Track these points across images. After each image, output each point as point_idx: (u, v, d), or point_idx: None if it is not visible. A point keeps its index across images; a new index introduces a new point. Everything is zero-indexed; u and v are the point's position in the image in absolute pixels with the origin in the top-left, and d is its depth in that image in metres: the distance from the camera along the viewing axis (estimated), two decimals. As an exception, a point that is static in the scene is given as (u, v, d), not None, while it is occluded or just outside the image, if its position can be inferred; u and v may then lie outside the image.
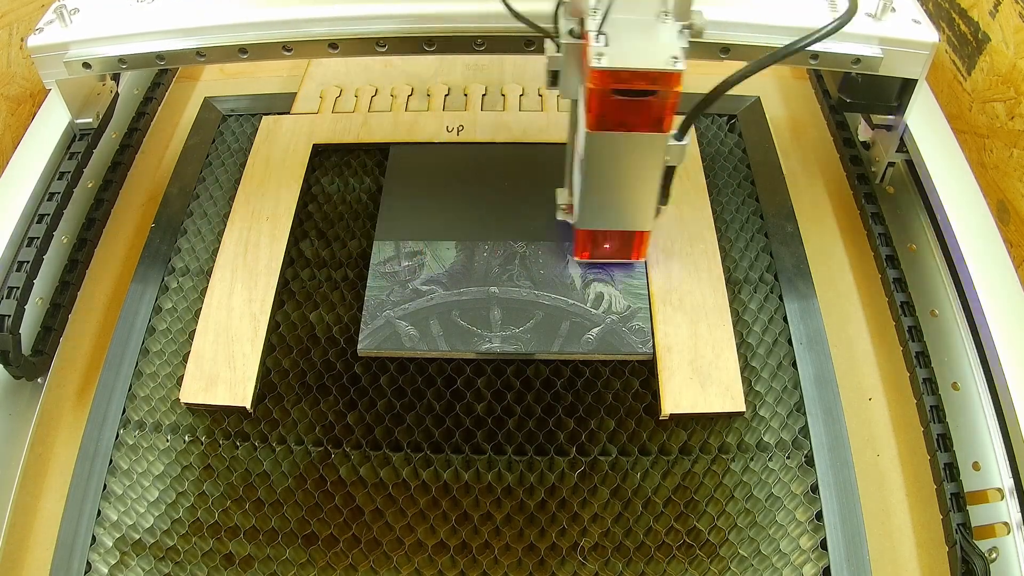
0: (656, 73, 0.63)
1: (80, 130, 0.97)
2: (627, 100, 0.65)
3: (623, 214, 0.80)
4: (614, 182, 0.75)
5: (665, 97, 0.65)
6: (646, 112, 0.67)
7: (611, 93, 0.65)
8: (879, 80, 0.88)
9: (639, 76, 0.64)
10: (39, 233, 0.87)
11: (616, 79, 0.64)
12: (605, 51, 0.63)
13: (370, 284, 0.89)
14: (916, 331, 0.86)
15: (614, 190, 0.76)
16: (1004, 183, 0.97)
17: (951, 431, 0.77)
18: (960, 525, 0.72)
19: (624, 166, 0.73)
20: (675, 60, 0.63)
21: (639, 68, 0.63)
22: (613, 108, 0.66)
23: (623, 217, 0.80)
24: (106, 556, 0.75)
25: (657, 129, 0.68)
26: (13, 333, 0.81)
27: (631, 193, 0.77)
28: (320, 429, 0.82)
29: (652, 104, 0.66)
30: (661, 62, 0.63)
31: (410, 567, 0.74)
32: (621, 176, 0.74)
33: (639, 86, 0.64)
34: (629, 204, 0.78)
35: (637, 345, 0.83)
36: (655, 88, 0.65)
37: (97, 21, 0.90)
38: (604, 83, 0.64)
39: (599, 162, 0.73)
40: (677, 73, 0.63)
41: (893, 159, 0.96)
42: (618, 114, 0.67)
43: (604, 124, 0.68)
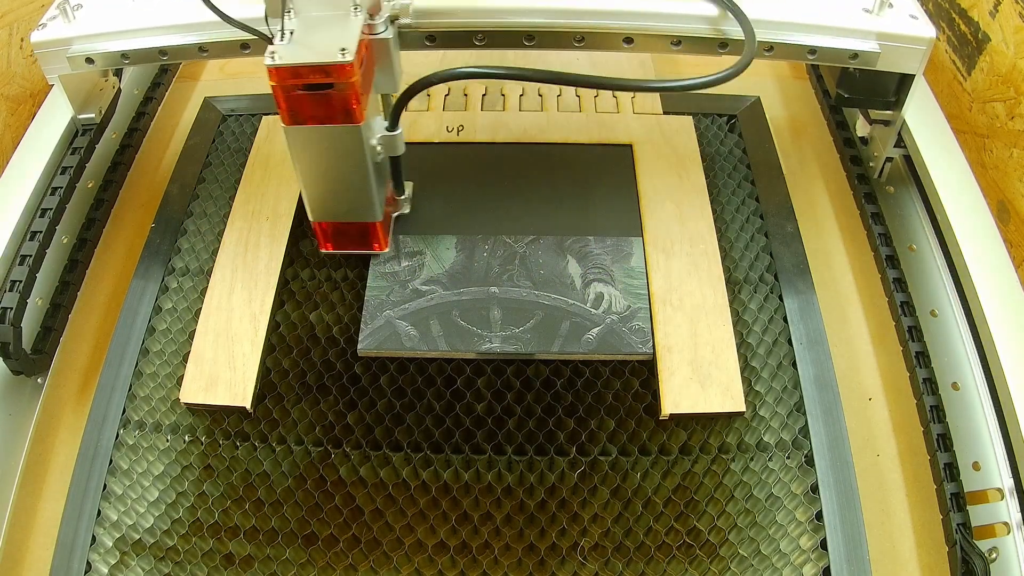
0: (327, 66, 0.67)
1: (83, 125, 0.98)
2: (311, 94, 0.69)
3: (349, 205, 0.82)
4: (327, 175, 0.78)
5: (344, 88, 0.68)
6: (331, 104, 0.70)
7: (295, 88, 0.69)
8: (877, 75, 0.88)
9: (313, 70, 0.67)
10: (41, 227, 0.88)
11: (293, 75, 0.68)
12: (279, 48, 0.67)
13: (370, 284, 0.89)
14: (916, 331, 0.86)
15: (330, 182, 0.79)
16: (1004, 183, 0.97)
17: (951, 431, 0.77)
18: (960, 525, 0.72)
19: (330, 158, 0.76)
20: (344, 52, 0.67)
21: (309, 63, 0.67)
22: (300, 103, 0.70)
23: (351, 209, 0.83)
24: (106, 556, 0.75)
25: (349, 120, 0.71)
26: (15, 325, 0.81)
27: (348, 185, 0.79)
28: (320, 429, 0.82)
29: (333, 96, 0.69)
30: (330, 55, 0.66)
31: (410, 567, 0.74)
32: (332, 168, 0.77)
33: (316, 80, 0.68)
34: (351, 196, 0.81)
35: (637, 345, 0.83)
36: (330, 80, 0.68)
37: (100, 16, 0.90)
38: (283, 79, 0.68)
39: (305, 155, 0.75)
40: (347, 64, 0.67)
41: (891, 154, 0.96)
42: (307, 108, 0.71)
43: (297, 119, 0.71)
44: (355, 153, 0.75)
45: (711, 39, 0.83)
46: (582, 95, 1.12)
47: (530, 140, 1.04)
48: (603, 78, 0.73)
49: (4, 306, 0.82)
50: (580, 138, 1.04)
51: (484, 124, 1.07)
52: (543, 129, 1.06)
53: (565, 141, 1.04)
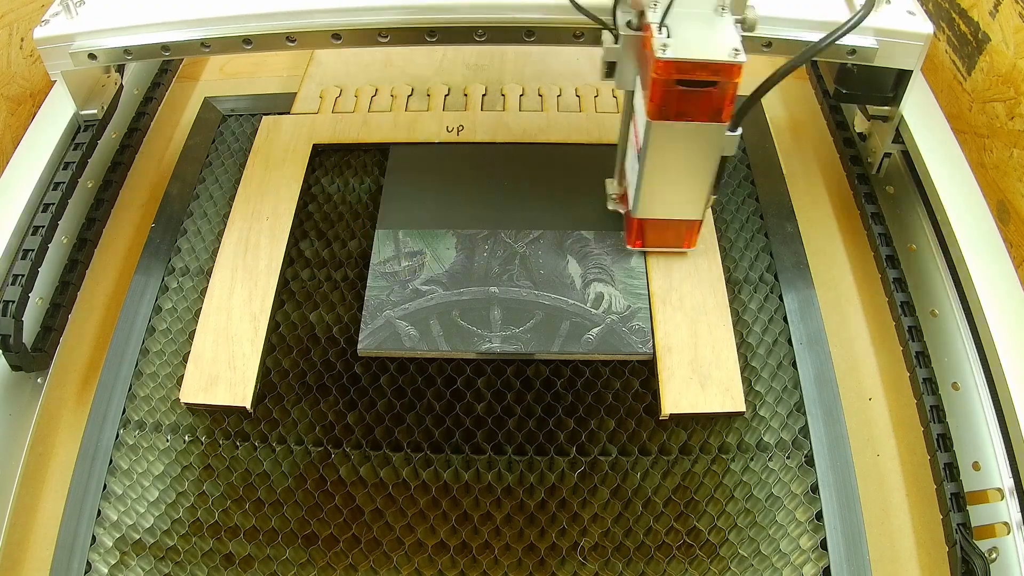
0: (718, 64, 0.66)
1: (85, 121, 0.98)
2: (688, 90, 0.68)
3: (678, 203, 0.82)
4: (671, 171, 0.77)
5: (725, 88, 0.68)
6: (706, 102, 0.69)
7: (673, 83, 0.67)
8: (875, 71, 0.89)
9: (701, 67, 0.66)
10: (44, 222, 0.88)
11: (679, 70, 0.66)
12: (669, 43, 0.66)
13: (370, 284, 0.89)
14: (916, 331, 0.86)
15: (671, 179, 0.78)
16: (1004, 183, 0.97)
17: (951, 431, 0.77)
18: (960, 525, 0.72)
19: (682, 155, 0.75)
20: (736, 52, 0.66)
21: (702, 59, 0.66)
22: (675, 98, 0.69)
23: (678, 206, 0.82)
24: (106, 556, 0.75)
25: (716, 119, 0.71)
26: (16, 318, 0.81)
27: (687, 182, 0.79)
28: (320, 429, 0.82)
29: (712, 95, 0.68)
30: (723, 54, 0.66)
31: (410, 567, 0.74)
32: (678, 165, 0.77)
33: (701, 77, 0.67)
34: (684, 193, 0.80)
35: (637, 345, 0.83)
36: (716, 79, 0.67)
37: (102, 12, 0.90)
38: (668, 73, 0.67)
39: (658, 151, 0.75)
40: (738, 65, 0.66)
41: (889, 150, 0.96)
42: (679, 104, 0.70)
43: (665, 114, 0.70)
44: (709, 152, 0.75)
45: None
46: (582, 95, 1.12)
47: (530, 140, 1.04)
48: None
49: (6, 299, 0.82)
50: (580, 138, 1.04)
51: (484, 124, 1.07)
52: (543, 129, 1.06)
53: (565, 141, 1.04)
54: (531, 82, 1.14)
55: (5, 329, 0.80)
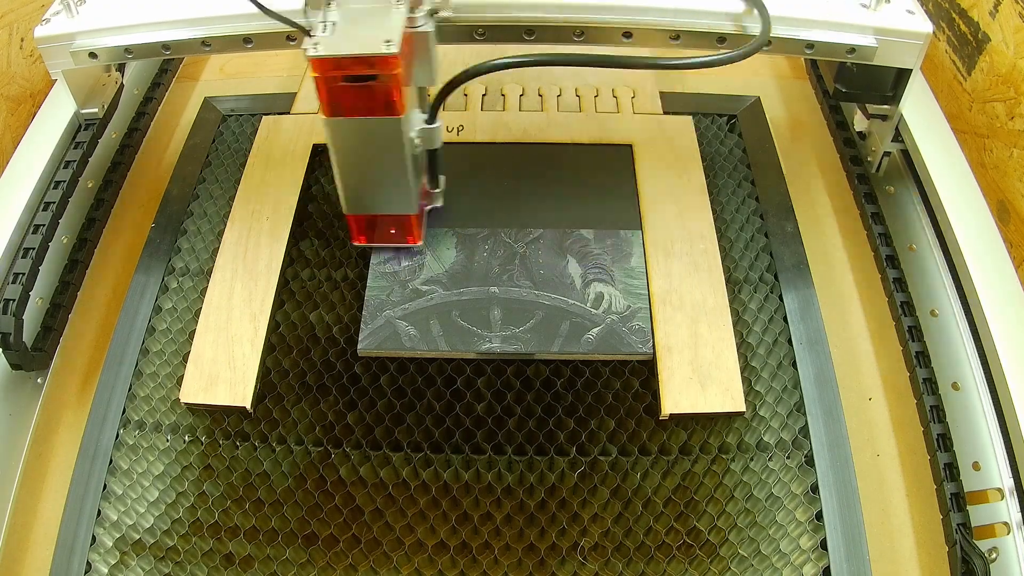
0: (372, 57, 0.67)
1: (86, 120, 0.98)
2: (353, 86, 0.69)
3: (385, 198, 0.82)
4: (365, 167, 0.78)
5: (386, 80, 0.69)
6: (372, 96, 0.70)
7: (337, 80, 0.69)
8: (874, 70, 0.89)
9: (357, 61, 0.67)
10: (44, 221, 0.88)
11: (336, 66, 0.68)
12: (320, 39, 0.68)
13: (370, 284, 0.89)
14: (916, 331, 0.86)
15: (367, 175, 0.79)
16: (1004, 183, 0.97)
17: (951, 431, 0.77)
18: (960, 525, 0.72)
19: (369, 151, 0.76)
20: (388, 44, 0.67)
21: (353, 54, 0.67)
22: (341, 94, 0.70)
23: (386, 201, 0.83)
24: (106, 556, 0.75)
25: (390, 112, 0.72)
26: (17, 317, 0.81)
27: (386, 177, 0.79)
28: (320, 429, 0.82)
29: (376, 88, 0.69)
30: (375, 46, 0.67)
31: (410, 567, 0.74)
32: (370, 161, 0.77)
33: (359, 71, 0.68)
34: (389, 188, 0.81)
35: (637, 345, 0.83)
36: (374, 72, 0.68)
37: (103, 11, 0.91)
38: (325, 70, 0.68)
39: (342, 148, 0.76)
40: (392, 56, 0.67)
41: (889, 148, 0.97)
42: (348, 100, 0.71)
43: (337, 110, 0.72)
44: (394, 145, 0.75)
45: (710, 33, 0.84)
46: (582, 95, 1.12)
47: (530, 140, 1.04)
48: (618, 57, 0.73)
49: (7, 298, 0.82)
50: (580, 138, 1.04)
51: (484, 124, 1.07)
52: (543, 129, 1.06)
53: (565, 141, 1.04)
54: (531, 82, 1.14)
55: (5, 327, 0.80)
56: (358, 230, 0.87)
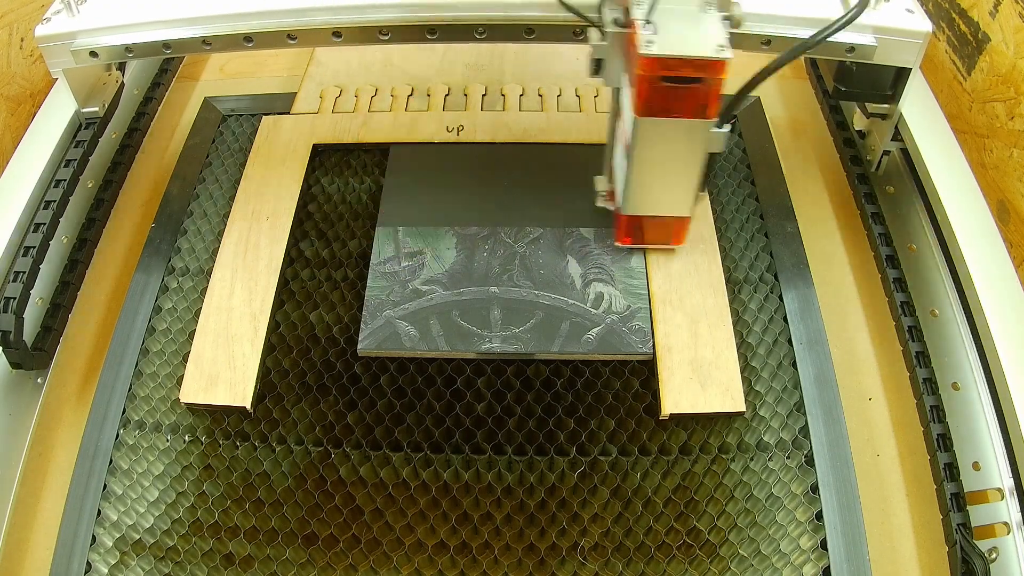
0: (703, 61, 0.66)
1: (86, 119, 0.98)
2: (674, 87, 0.68)
3: (666, 200, 0.82)
4: (659, 168, 0.77)
5: (711, 84, 0.68)
6: (692, 98, 0.69)
7: (659, 80, 0.67)
8: (874, 69, 0.89)
9: (687, 63, 0.66)
10: (45, 219, 0.88)
11: (665, 66, 0.66)
12: (654, 39, 0.66)
13: (370, 284, 0.89)
14: (916, 331, 0.86)
15: (658, 176, 0.78)
16: (1004, 183, 0.97)
17: (951, 431, 0.77)
18: (960, 525, 0.72)
19: (669, 152, 0.75)
20: (722, 48, 0.66)
21: (687, 55, 0.66)
22: (661, 94, 0.69)
23: (666, 203, 0.82)
24: (106, 556, 0.75)
25: (702, 115, 0.71)
26: (17, 315, 0.81)
27: (675, 179, 0.79)
28: (320, 429, 0.82)
29: (698, 91, 0.69)
30: (708, 50, 0.66)
31: (410, 567, 0.74)
32: (666, 162, 0.77)
33: (686, 73, 0.67)
34: (672, 190, 0.80)
35: (637, 345, 0.83)
36: (702, 75, 0.67)
37: (104, 10, 0.91)
38: (653, 70, 0.67)
39: (645, 148, 0.75)
40: (723, 61, 0.66)
41: (888, 147, 0.97)
42: (665, 100, 0.70)
43: (651, 110, 0.71)
44: (696, 148, 0.75)
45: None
46: (582, 95, 1.12)
47: (530, 140, 1.04)
48: None
49: (7, 296, 0.82)
50: (580, 138, 1.04)
51: (484, 124, 1.07)
52: (543, 129, 1.06)
53: (565, 141, 1.04)
54: (531, 82, 1.14)
55: (6, 325, 0.80)
56: (627, 231, 0.87)
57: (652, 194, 0.81)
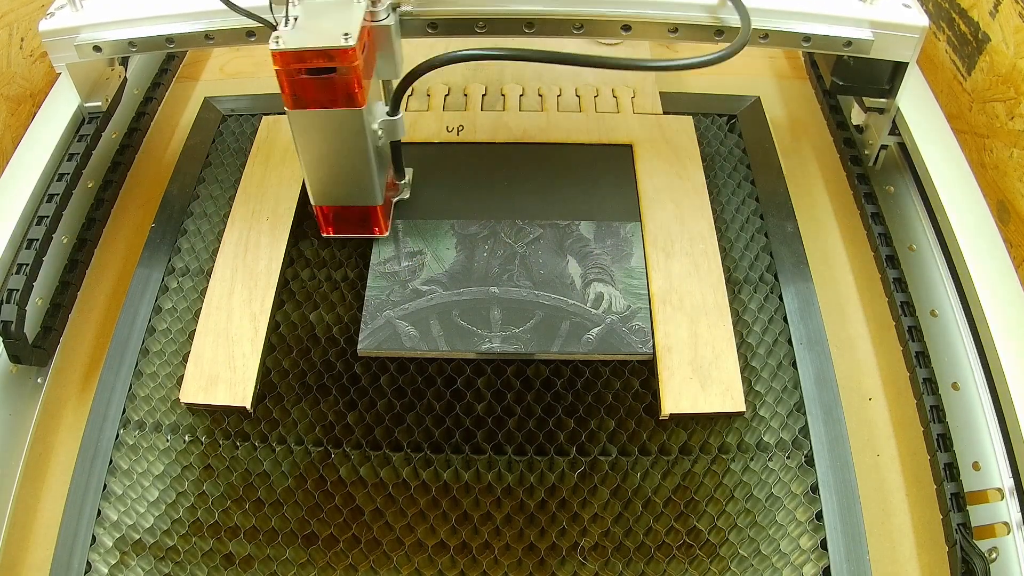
0: (331, 50, 0.69)
1: (89, 113, 0.98)
2: (314, 78, 0.71)
3: (351, 189, 0.84)
4: (329, 158, 0.80)
5: (346, 72, 0.71)
6: (333, 88, 0.72)
7: (298, 72, 0.71)
8: (871, 63, 0.89)
9: (316, 54, 0.70)
10: (48, 213, 0.89)
11: (297, 59, 0.70)
12: (281, 34, 0.70)
13: (370, 284, 0.89)
14: (916, 331, 0.86)
15: (332, 166, 0.81)
16: (1004, 183, 0.97)
17: (951, 431, 0.77)
18: (960, 525, 0.72)
19: (333, 142, 0.78)
20: (347, 37, 0.69)
21: (313, 47, 0.69)
22: (303, 87, 0.72)
23: (352, 193, 0.84)
24: (106, 556, 0.75)
25: (351, 104, 0.74)
26: (20, 306, 0.82)
27: (350, 169, 0.81)
28: (320, 429, 0.82)
29: (336, 80, 0.71)
30: (333, 39, 0.69)
31: (410, 567, 0.74)
32: (335, 152, 0.79)
33: (319, 64, 0.70)
34: (352, 180, 0.82)
35: (637, 345, 0.83)
36: (333, 64, 0.70)
37: (107, 5, 0.91)
38: (287, 63, 0.70)
39: (307, 139, 0.77)
40: (351, 49, 0.69)
41: (886, 141, 0.97)
42: (310, 92, 0.73)
43: (300, 103, 0.74)
44: (357, 137, 0.77)
45: (707, 26, 0.85)
46: (582, 95, 1.12)
47: (530, 140, 1.04)
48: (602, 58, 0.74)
49: (11, 288, 0.83)
50: (580, 138, 1.04)
51: (484, 124, 1.07)
52: (543, 129, 1.06)
53: (565, 141, 1.04)
54: (531, 82, 1.14)
55: (7, 316, 0.80)
56: (325, 221, 0.89)
57: (334, 185, 0.83)
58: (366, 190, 0.84)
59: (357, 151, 0.78)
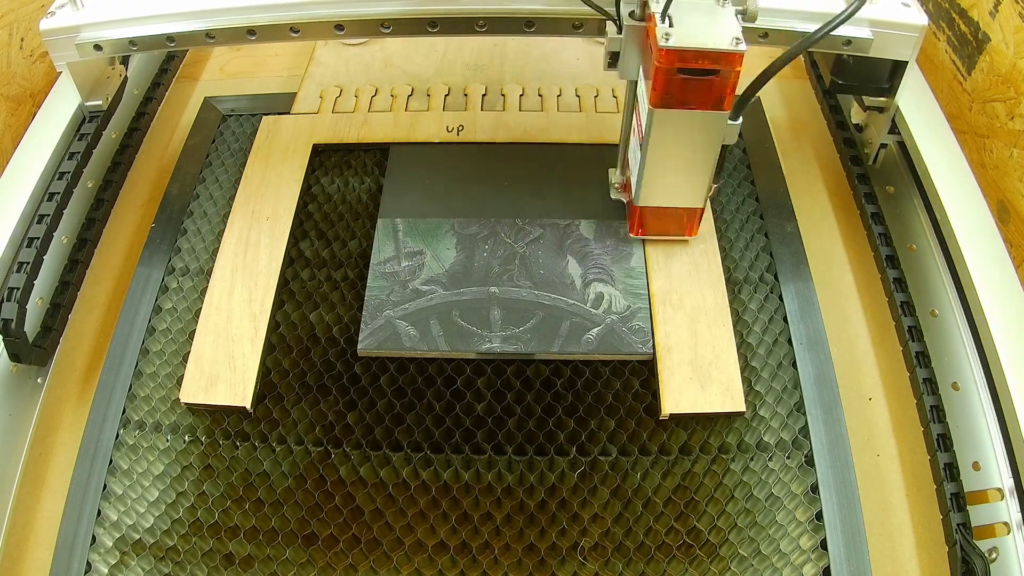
0: (719, 53, 0.68)
1: (90, 112, 0.98)
2: (690, 79, 0.70)
3: (680, 191, 0.83)
4: (673, 159, 0.79)
5: (727, 76, 0.70)
6: (708, 90, 0.71)
7: (676, 72, 0.69)
8: (870, 62, 0.89)
9: (703, 56, 0.68)
10: (49, 211, 0.89)
11: (682, 58, 0.68)
12: (671, 32, 0.68)
13: (370, 284, 0.89)
14: (916, 331, 0.86)
15: (672, 167, 0.80)
16: (1004, 183, 0.97)
17: (951, 431, 0.77)
18: (960, 525, 0.72)
19: (683, 143, 0.76)
20: (737, 41, 0.68)
21: (703, 48, 0.68)
22: (677, 86, 0.71)
23: (679, 194, 0.84)
24: (106, 556, 0.75)
25: (718, 107, 0.72)
26: (20, 304, 0.82)
27: (688, 170, 0.80)
28: (320, 429, 0.82)
29: (714, 83, 0.70)
30: (724, 43, 0.68)
31: (410, 567, 0.74)
32: (680, 153, 0.78)
33: (703, 65, 0.69)
34: (686, 181, 0.82)
35: (637, 345, 0.83)
36: (717, 68, 0.69)
37: (108, 4, 0.91)
38: (670, 62, 0.68)
39: (661, 139, 0.76)
40: (739, 54, 0.68)
41: (886, 140, 0.97)
42: (681, 92, 0.71)
43: (668, 102, 0.72)
44: (711, 140, 0.76)
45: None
46: (582, 95, 1.12)
47: (530, 140, 1.04)
48: None
49: (12, 286, 0.83)
50: (580, 138, 1.04)
51: (484, 124, 1.07)
52: (543, 129, 1.06)
53: (565, 141, 1.04)
54: (531, 82, 1.14)
55: (8, 314, 0.80)
56: (641, 222, 0.88)
57: (665, 185, 0.82)
58: (697, 192, 0.83)
59: (707, 153, 0.77)
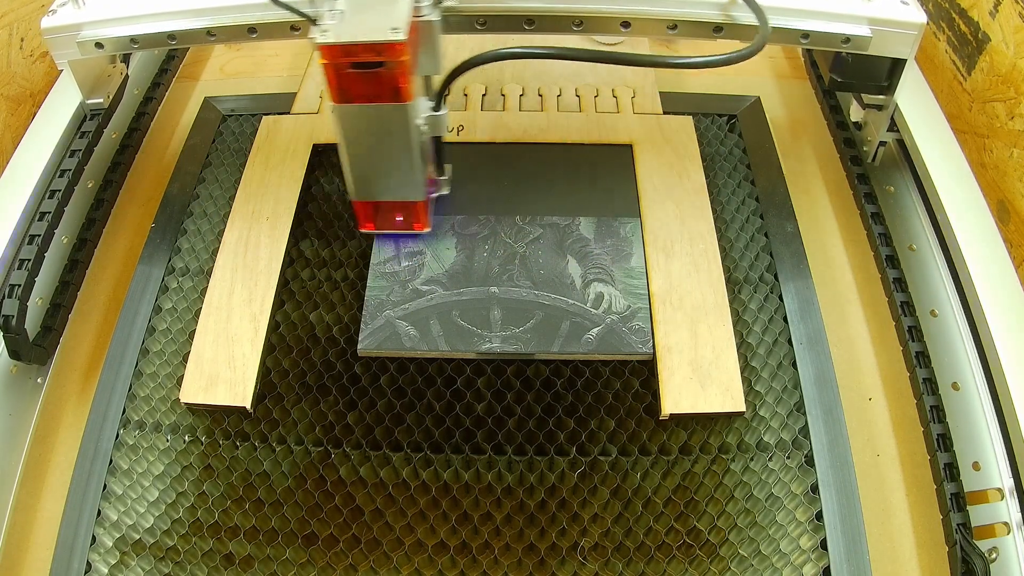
0: (379, 44, 0.68)
1: (91, 110, 0.98)
2: (361, 72, 0.70)
3: (392, 185, 0.84)
4: (373, 154, 0.79)
5: (394, 67, 0.70)
6: (380, 82, 0.71)
7: (345, 67, 0.70)
8: (869, 60, 0.90)
9: (364, 48, 0.68)
10: (50, 208, 0.89)
11: (344, 53, 0.69)
12: (330, 27, 0.69)
13: (370, 284, 0.89)
14: (916, 331, 0.86)
15: (375, 161, 0.80)
16: (1004, 183, 0.97)
17: (951, 431, 0.77)
18: (960, 525, 0.72)
19: (377, 137, 0.77)
20: (395, 31, 0.68)
21: (361, 41, 0.68)
22: (349, 81, 0.71)
23: (393, 188, 0.84)
24: (106, 556, 0.75)
25: (397, 99, 0.73)
26: (21, 301, 0.82)
27: (393, 164, 0.80)
28: (320, 429, 0.82)
29: (383, 75, 0.71)
30: (382, 34, 0.68)
31: (410, 567, 0.74)
32: (378, 147, 0.78)
33: (366, 58, 0.69)
34: (395, 175, 0.82)
35: (637, 345, 0.83)
36: (381, 59, 0.69)
37: (109, 2, 0.91)
38: (334, 57, 0.69)
39: (351, 135, 0.77)
40: (399, 43, 0.68)
41: (885, 138, 0.98)
42: (355, 86, 0.72)
43: (346, 97, 0.73)
44: (401, 132, 0.76)
45: (706, 23, 0.85)
46: (582, 95, 1.12)
47: (530, 140, 1.04)
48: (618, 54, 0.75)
49: (13, 283, 0.83)
50: (580, 138, 1.04)
51: (484, 124, 1.07)
52: (543, 129, 1.06)
53: (565, 141, 1.04)
54: (531, 82, 1.14)
55: (9, 310, 0.81)
56: (365, 217, 0.88)
57: (375, 180, 0.83)
58: (409, 186, 0.83)
59: (401, 146, 0.78)
